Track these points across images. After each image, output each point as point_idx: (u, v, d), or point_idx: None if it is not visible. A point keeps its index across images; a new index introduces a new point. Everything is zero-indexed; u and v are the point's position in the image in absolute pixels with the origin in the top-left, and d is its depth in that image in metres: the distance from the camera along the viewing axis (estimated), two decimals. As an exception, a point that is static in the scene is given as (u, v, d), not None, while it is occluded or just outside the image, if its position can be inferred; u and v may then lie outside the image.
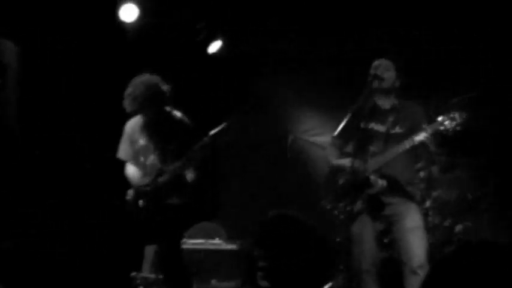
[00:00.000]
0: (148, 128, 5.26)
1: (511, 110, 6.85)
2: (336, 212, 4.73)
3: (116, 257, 6.43)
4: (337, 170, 4.78)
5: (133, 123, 5.36)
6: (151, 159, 5.24)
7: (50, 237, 6.15)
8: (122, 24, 6.63)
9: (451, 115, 4.23)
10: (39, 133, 6.13)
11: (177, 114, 5.28)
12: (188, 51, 7.66)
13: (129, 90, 5.12)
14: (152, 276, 5.43)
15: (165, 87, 5.18)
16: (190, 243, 6.62)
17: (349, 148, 4.84)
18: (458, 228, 6.35)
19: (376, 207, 4.63)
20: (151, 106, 5.12)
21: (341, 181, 4.73)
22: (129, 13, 6.57)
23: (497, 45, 6.88)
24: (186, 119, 5.29)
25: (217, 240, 6.85)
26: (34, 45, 5.96)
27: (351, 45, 7.72)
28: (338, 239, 6.63)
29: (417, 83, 5.12)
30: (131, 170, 5.33)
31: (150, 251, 5.56)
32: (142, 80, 5.15)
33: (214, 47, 7.80)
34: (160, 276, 5.32)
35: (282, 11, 7.69)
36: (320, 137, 8.00)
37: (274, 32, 8.00)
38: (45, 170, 6.27)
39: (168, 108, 5.26)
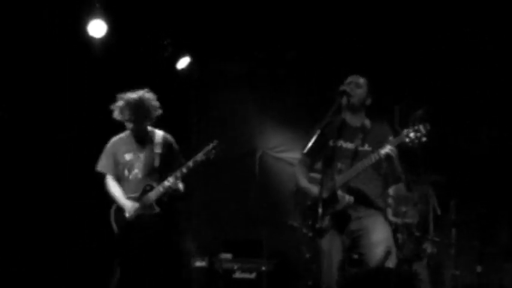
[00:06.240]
0: (134, 144, 5.50)
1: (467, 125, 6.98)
2: (304, 229, 4.72)
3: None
4: (305, 193, 4.78)
5: (117, 140, 5.61)
6: (135, 173, 5.45)
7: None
8: (90, 39, 6.69)
9: (416, 127, 4.26)
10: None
11: (160, 132, 5.56)
12: (155, 67, 7.67)
13: (122, 101, 5.34)
14: None
15: (155, 104, 5.43)
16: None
17: (319, 165, 4.84)
18: (426, 244, 6.40)
19: (343, 223, 4.62)
20: (141, 120, 5.38)
21: (309, 202, 4.72)
22: (97, 29, 6.64)
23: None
24: (169, 137, 5.57)
25: None
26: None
27: (319, 61, 7.78)
28: (307, 256, 6.66)
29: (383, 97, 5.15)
30: (112, 184, 5.55)
31: None
32: (137, 94, 5.37)
33: (183, 63, 7.83)
34: None
35: (248, 28, 7.74)
36: (288, 153, 8.02)
37: (240, 49, 8.04)
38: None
39: (150, 127, 5.54)
